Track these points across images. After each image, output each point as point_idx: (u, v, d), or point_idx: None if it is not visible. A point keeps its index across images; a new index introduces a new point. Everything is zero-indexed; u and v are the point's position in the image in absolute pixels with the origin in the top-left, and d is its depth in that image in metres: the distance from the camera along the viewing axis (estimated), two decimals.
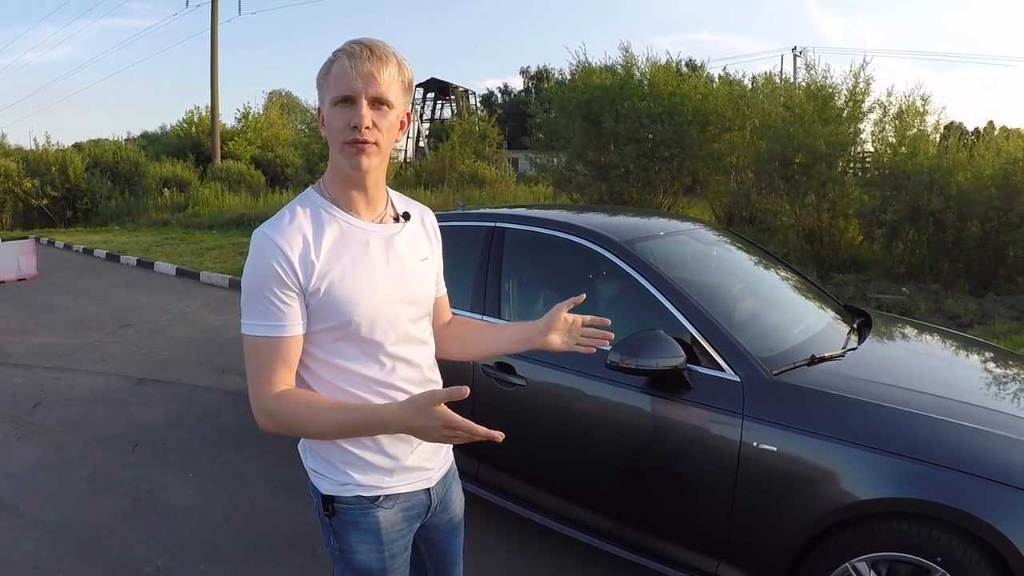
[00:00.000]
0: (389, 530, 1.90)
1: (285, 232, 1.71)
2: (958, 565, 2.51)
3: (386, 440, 1.84)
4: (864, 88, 12.15)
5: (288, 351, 1.73)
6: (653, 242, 3.85)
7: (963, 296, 9.68)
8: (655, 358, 3.00)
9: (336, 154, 1.74)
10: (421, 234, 1.99)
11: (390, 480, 1.89)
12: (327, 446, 1.86)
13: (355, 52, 1.66)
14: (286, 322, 1.71)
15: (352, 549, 1.89)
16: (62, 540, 4.05)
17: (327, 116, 1.72)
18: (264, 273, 1.69)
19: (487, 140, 30.91)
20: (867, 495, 2.66)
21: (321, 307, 1.73)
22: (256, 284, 1.70)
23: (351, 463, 1.85)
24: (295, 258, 1.69)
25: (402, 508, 1.93)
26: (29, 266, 13.52)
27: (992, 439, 2.71)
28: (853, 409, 2.85)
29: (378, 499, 1.88)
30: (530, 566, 3.78)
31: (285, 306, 1.70)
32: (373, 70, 1.66)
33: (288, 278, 1.69)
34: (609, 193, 14.66)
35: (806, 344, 3.40)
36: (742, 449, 2.92)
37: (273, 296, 1.69)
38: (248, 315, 1.73)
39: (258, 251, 1.71)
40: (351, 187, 1.79)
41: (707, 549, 3.13)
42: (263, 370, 1.73)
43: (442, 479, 2.06)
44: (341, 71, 1.67)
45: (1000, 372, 3.75)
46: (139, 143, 38.37)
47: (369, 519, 1.87)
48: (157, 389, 6.72)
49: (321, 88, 1.73)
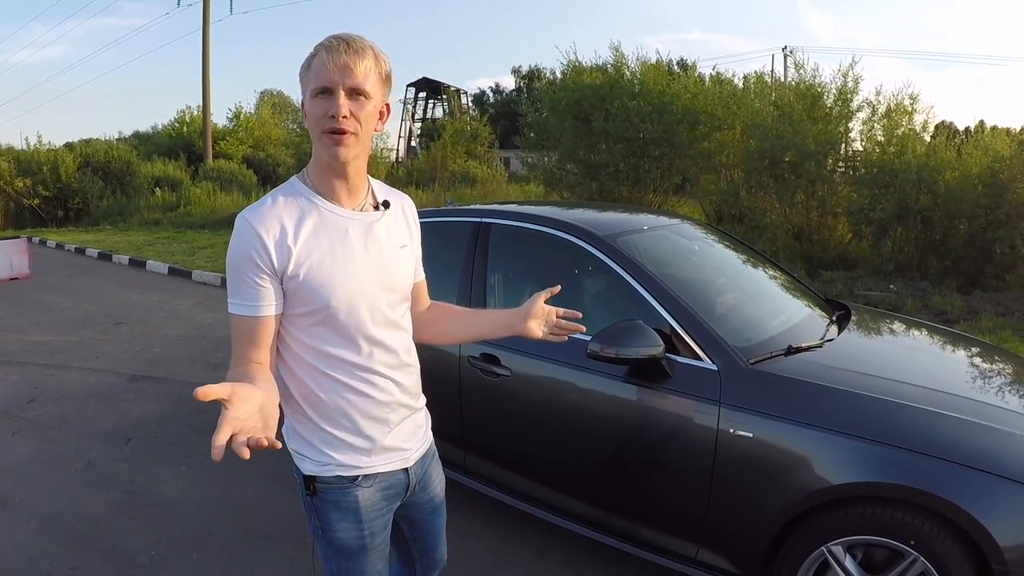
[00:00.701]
0: (368, 509, 1.99)
1: (264, 218, 1.79)
2: (931, 548, 2.58)
3: (363, 421, 1.94)
4: (853, 87, 12.24)
5: (259, 330, 1.81)
6: (635, 237, 3.92)
7: (950, 293, 9.76)
8: (635, 347, 3.08)
9: (316, 144, 1.81)
10: (400, 222, 2.06)
11: (368, 460, 1.97)
12: (309, 428, 1.94)
13: (333, 46, 1.73)
14: (258, 302, 1.79)
15: (333, 527, 1.98)
16: (57, 531, 4.11)
17: (307, 107, 1.78)
18: (242, 256, 1.77)
19: (479, 139, 30.91)
20: (841, 480, 2.73)
21: (300, 291, 1.81)
22: (235, 265, 1.79)
23: (330, 443, 1.93)
24: (271, 244, 1.77)
25: (380, 487, 2.01)
26: (22, 265, 13.52)
27: (965, 426, 2.78)
28: (827, 396, 2.93)
29: (357, 479, 1.96)
30: (516, 553, 3.85)
31: (258, 288, 1.78)
32: (349, 62, 1.72)
33: (263, 262, 1.77)
34: (599, 192, 14.71)
35: (784, 335, 3.48)
36: (719, 436, 3.00)
37: (247, 278, 1.78)
38: (231, 293, 1.82)
39: (238, 234, 1.79)
40: (332, 176, 1.86)
41: (687, 534, 3.20)
42: (244, 346, 1.81)
43: (420, 459, 2.14)
44: (320, 64, 1.73)
45: (976, 362, 3.83)
46: (131, 143, 38.23)
47: (348, 498, 1.96)
48: (150, 385, 6.77)
49: (303, 81, 1.79)
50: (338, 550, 2.01)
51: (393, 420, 2.01)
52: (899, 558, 2.67)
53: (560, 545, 3.88)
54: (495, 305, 3.99)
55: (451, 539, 2.23)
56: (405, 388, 2.03)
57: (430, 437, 2.23)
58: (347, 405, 1.92)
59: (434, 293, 4.21)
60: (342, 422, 1.92)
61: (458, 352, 3.91)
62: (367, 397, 1.94)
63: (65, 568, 3.74)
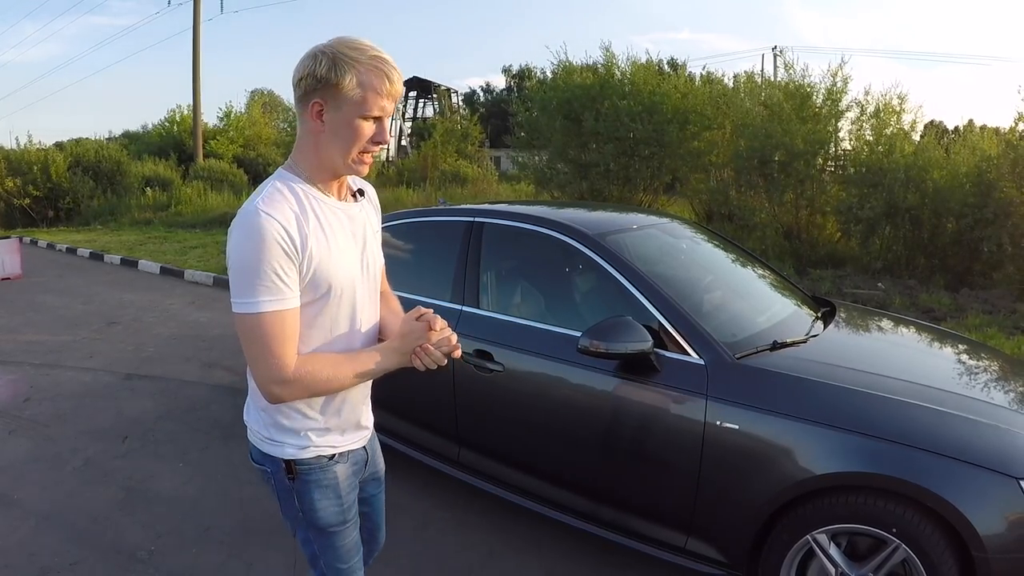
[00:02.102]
0: (344, 484, 2.10)
1: (282, 209, 1.80)
2: (913, 536, 2.67)
3: (347, 406, 2.07)
4: (842, 87, 12.31)
5: (295, 322, 1.84)
6: (624, 235, 4.00)
7: (938, 291, 9.83)
8: (624, 343, 3.16)
9: (341, 155, 1.85)
10: (371, 208, 2.14)
11: (341, 439, 2.08)
12: (295, 417, 1.99)
13: (393, 77, 1.80)
14: (291, 295, 1.81)
15: (315, 507, 2.05)
16: (57, 528, 4.15)
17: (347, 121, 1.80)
18: (268, 249, 1.75)
19: (469, 139, 30.97)
20: (824, 470, 2.82)
21: (309, 280, 1.84)
22: (259, 260, 1.75)
23: (312, 428, 2.01)
24: (294, 232, 1.79)
25: (351, 463, 2.13)
26: (13, 265, 13.51)
27: (945, 418, 2.87)
28: (811, 389, 3.02)
29: (334, 456, 2.06)
30: (510, 544, 3.92)
31: (289, 279, 1.79)
32: (400, 92, 1.83)
33: (290, 252, 1.78)
34: (590, 191, 14.78)
35: (770, 331, 3.56)
36: (706, 428, 3.08)
37: (280, 270, 1.77)
38: (251, 293, 1.77)
39: (258, 228, 1.76)
40: (332, 176, 1.93)
41: (676, 524, 3.28)
42: (281, 344, 1.81)
43: (372, 436, 2.28)
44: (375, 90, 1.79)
45: (958, 357, 3.93)
46: (121, 142, 38.05)
47: (329, 475, 2.05)
48: (145, 384, 6.81)
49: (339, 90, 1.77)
50: (320, 529, 2.09)
51: (362, 401, 2.14)
52: (882, 546, 2.76)
53: (552, 536, 3.95)
54: (488, 302, 4.07)
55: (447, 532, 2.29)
56: None
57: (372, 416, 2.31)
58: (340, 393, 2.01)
59: (428, 290, 4.30)
60: (322, 408, 2.01)
61: None
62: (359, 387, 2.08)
63: (65, 564, 3.79)
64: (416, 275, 4.50)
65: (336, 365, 1.89)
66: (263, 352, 1.81)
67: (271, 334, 1.79)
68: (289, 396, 1.87)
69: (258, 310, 1.77)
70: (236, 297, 1.80)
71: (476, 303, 4.07)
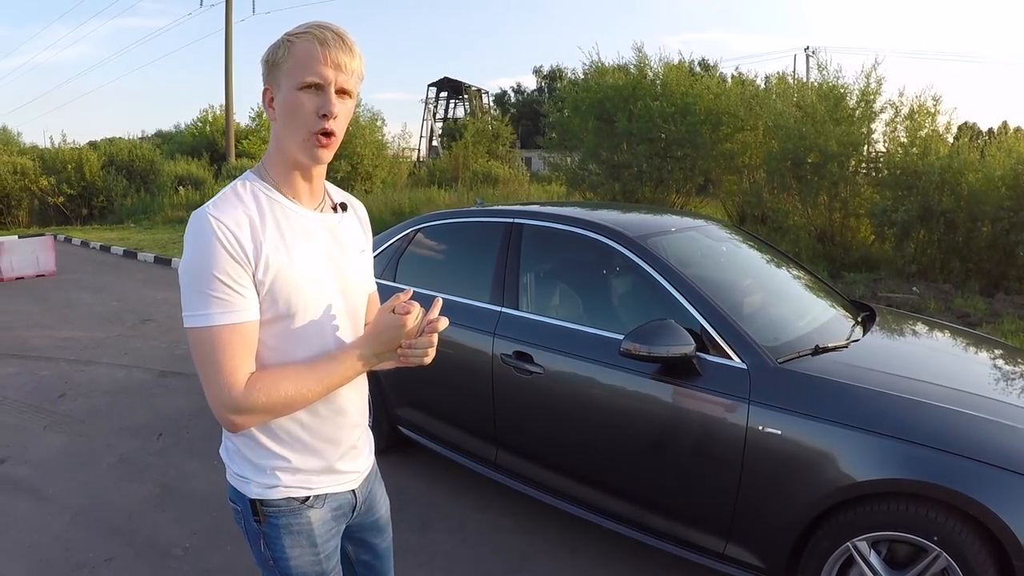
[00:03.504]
0: (321, 530, 1.84)
1: (232, 213, 1.61)
2: (954, 544, 2.62)
3: (316, 443, 1.79)
4: (876, 88, 12.19)
5: (249, 337, 1.62)
6: (665, 237, 3.97)
7: (973, 295, 9.71)
8: (666, 346, 3.14)
9: (292, 141, 1.66)
10: (356, 226, 1.94)
11: (318, 480, 1.82)
12: (256, 449, 1.76)
13: (327, 39, 1.60)
14: (245, 306, 1.60)
15: (286, 555, 1.80)
16: (92, 523, 4.20)
17: (286, 100, 1.63)
18: (213, 255, 1.56)
19: (500, 139, 31.02)
20: (866, 476, 2.78)
21: (268, 295, 1.64)
22: (205, 268, 1.57)
23: (279, 467, 1.77)
24: (244, 238, 1.60)
25: (331, 508, 1.86)
26: (48, 262, 13.70)
27: (988, 425, 2.82)
28: (853, 395, 2.98)
29: (307, 499, 1.80)
30: (545, 548, 3.90)
31: (242, 288, 1.59)
32: (344, 59, 1.61)
33: (239, 257, 1.58)
34: (622, 192, 14.77)
35: (811, 335, 3.52)
36: (748, 433, 3.05)
37: (226, 278, 1.57)
38: (197, 305, 1.58)
39: (202, 232, 1.58)
40: (299, 175, 1.73)
41: (715, 529, 3.25)
42: (224, 363, 1.59)
43: (365, 479, 1.99)
44: (308, 55, 1.60)
45: (999, 364, 3.87)
46: (154, 142, 38.45)
47: (301, 520, 1.80)
48: (179, 381, 6.87)
49: (277, 68, 1.64)
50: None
51: (345, 441, 1.86)
52: (922, 554, 2.72)
53: (589, 540, 3.94)
54: (527, 303, 4.06)
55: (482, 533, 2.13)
56: (357, 406, 1.90)
57: (373, 458, 2.06)
58: (295, 424, 1.75)
59: (467, 291, 4.30)
60: (294, 443, 1.77)
61: (491, 351, 3.99)
62: (320, 417, 1.78)
63: (100, 559, 3.83)
64: (455, 276, 4.51)
65: (298, 377, 1.65)
66: (213, 372, 1.59)
67: (220, 351, 1.58)
68: (246, 422, 1.64)
69: (207, 323, 1.57)
70: (185, 309, 1.60)
71: (516, 304, 4.06)
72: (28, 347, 8.24)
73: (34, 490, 4.61)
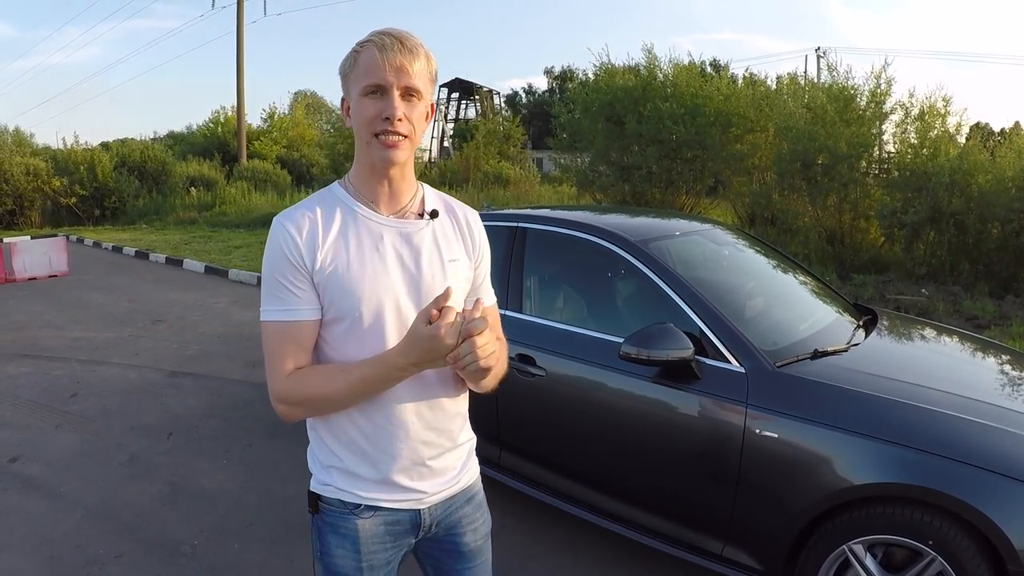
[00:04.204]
0: (368, 540, 1.82)
1: (295, 216, 1.71)
2: (949, 549, 2.65)
3: (370, 450, 1.77)
4: (885, 89, 12.22)
5: (299, 335, 1.70)
6: (667, 242, 4.01)
7: (982, 298, 9.71)
8: (666, 350, 3.18)
9: (364, 146, 1.71)
10: (453, 234, 1.88)
11: (369, 493, 1.80)
12: (320, 445, 1.82)
13: (385, 44, 1.64)
14: (298, 306, 1.69)
15: (330, 552, 1.84)
16: (102, 521, 4.26)
17: (355, 107, 1.69)
18: (275, 258, 1.69)
19: (511, 140, 31.05)
20: (862, 480, 2.81)
21: (325, 295, 1.70)
22: (269, 270, 1.71)
23: (334, 466, 1.80)
24: (302, 242, 1.68)
25: (385, 521, 1.83)
26: (60, 263, 13.81)
27: (983, 430, 2.85)
28: (850, 399, 3.01)
29: (359, 507, 1.80)
30: (547, 548, 3.95)
31: (297, 289, 1.68)
32: (404, 61, 1.64)
33: (295, 261, 1.67)
34: (632, 194, 14.79)
35: (810, 339, 3.55)
36: (746, 436, 3.09)
37: (284, 280, 1.68)
38: (264, 301, 1.73)
39: (271, 236, 1.71)
40: (376, 179, 1.75)
41: (713, 531, 3.29)
42: (275, 357, 1.71)
43: (444, 502, 1.90)
44: (371, 62, 1.64)
45: (999, 368, 3.89)
46: (166, 143, 38.67)
47: (348, 525, 1.81)
48: (190, 382, 6.94)
49: (348, 79, 1.71)
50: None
51: (405, 456, 1.79)
52: (918, 558, 2.75)
53: (590, 540, 3.98)
54: (531, 306, 4.11)
55: None
56: (430, 423, 1.81)
57: (465, 481, 1.95)
58: (354, 429, 1.76)
59: None
60: (347, 446, 1.78)
61: None
62: (378, 426, 1.76)
63: (110, 556, 3.89)
64: None
65: (327, 376, 1.70)
66: (267, 362, 1.72)
67: (271, 347, 1.71)
68: (290, 413, 1.73)
69: (264, 319, 1.72)
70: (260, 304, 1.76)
71: (519, 307, 4.10)
72: (40, 347, 8.32)
73: (46, 488, 4.68)
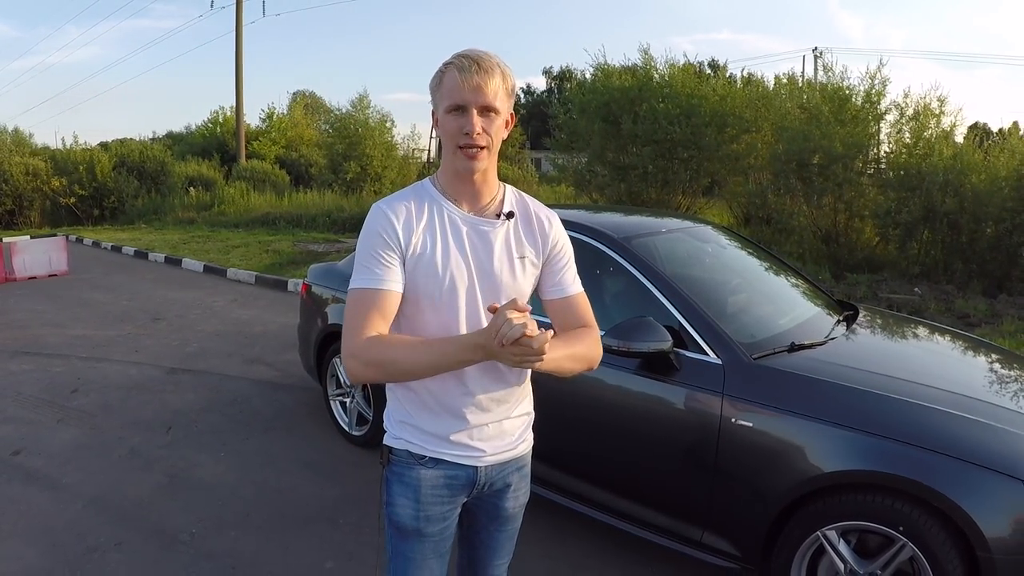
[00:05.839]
0: (428, 491, 2.04)
1: (394, 205, 1.96)
2: (919, 534, 2.76)
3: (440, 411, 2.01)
4: (880, 89, 12.31)
5: (384, 303, 1.90)
6: (652, 239, 4.12)
7: (975, 297, 9.79)
8: (645, 342, 3.29)
9: (449, 155, 1.95)
10: (527, 234, 2.09)
11: (434, 447, 2.03)
12: (395, 403, 2.09)
13: (464, 66, 1.86)
14: (386, 277, 1.90)
15: (394, 501, 2.07)
16: (103, 511, 4.36)
17: (441, 121, 1.92)
18: (372, 236, 1.93)
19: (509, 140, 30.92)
20: (833, 467, 2.93)
21: (412, 275, 1.93)
22: (364, 246, 1.94)
23: (406, 422, 2.05)
24: (399, 226, 1.93)
25: (445, 474, 2.05)
26: (60, 262, 13.87)
27: (952, 419, 2.96)
28: (823, 390, 3.13)
29: (424, 459, 2.04)
30: (535, 536, 4.01)
31: (387, 265, 1.91)
32: (481, 82, 1.86)
33: (391, 240, 1.92)
34: (628, 193, 14.84)
35: (788, 333, 3.67)
36: (722, 425, 3.20)
37: (379, 255, 1.91)
38: (356, 273, 1.94)
39: (371, 217, 1.96)
40: (459, 181, 1.99)
41: (693, 518, 3.41)
42: (358, 318, 1.89)
43: (499, 464, 2.12)
44: (452, 83, 1.87)
45: (972, 360, 4.03)
46: (165, 142, 38.41)
47: (412, 474, 2.04)
48: (189, 378, 7.02)
49: (435, 96, 1.94)
50: (396, 526, 2.08)
51: (471, 419, 2.02)
52: (890, 543, 2.86)
53: (575, 529, 4.08)
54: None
55: None
56: (493, 394, 2.03)
57: (521, 449, 2.20)
58: (426, 392, 2.00)
59: None
60: (420, 406, 2.02)
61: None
62: (446, 387, 1.99)
63: (111, 544, 3.99)
64: None
65: (410, 348, 1.88)
66: (347, 325, 1.91)
67: (355, 310, 1.90)
68: (361, 372, 1.88)
69: (353, 286, 1.93)
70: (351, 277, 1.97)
71: None
72: (41, 344, 8.41)
73: (48, 479, 4.78)
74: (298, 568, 3.80)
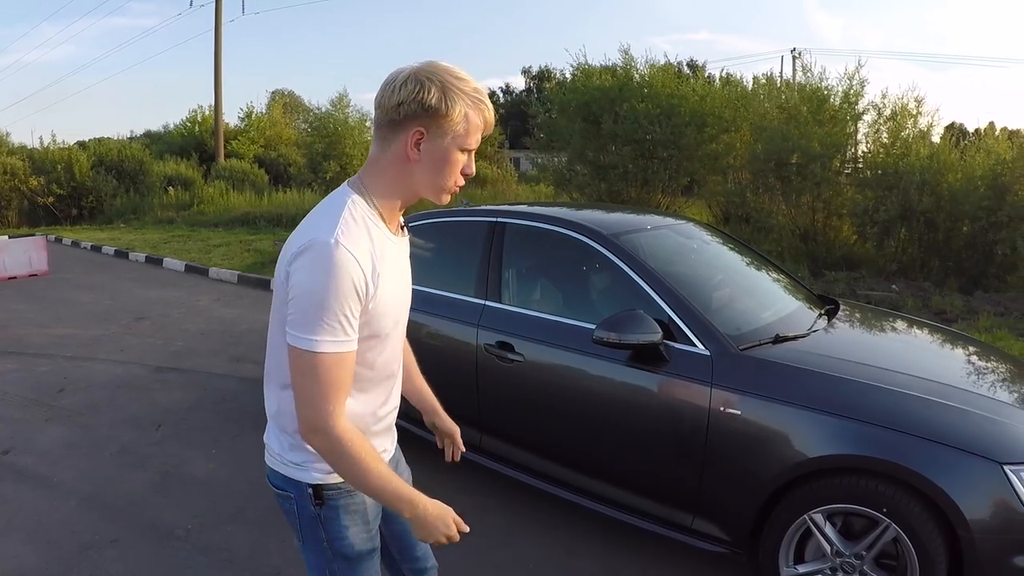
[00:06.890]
0: (371, 509, 2.00)
1: (359, 244, 1.71)
2: (902, 516, 2.86)
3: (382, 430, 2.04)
4: (858, 90, 12.44)
5: (352, 362, 1.76)
6: (638, 235, 4.21)
7: (952, 293, 9.94)
8: (636, 334, 3.39)
9: (430, 184, 1.80)
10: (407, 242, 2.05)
11: None
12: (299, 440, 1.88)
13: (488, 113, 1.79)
14: (353, 335, 1.72)
15: (343, 535, 1.94)
16: (97, 508, 4.39)
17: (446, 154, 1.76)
18: (346, 291, 1.66)
19: (488, 139, 31.14)
20: (818, 452, 3.03)
21: (370, 316, 1.77)
22: (331, 299, 1.65)
23: None
24: (368, 275, 1.71)
25: None
26: (40, 262, 13.81)
27: (934, 405, 3.06)
28: (807, 378, 3.23)
29: None
30: (528, 527, 4.13)
31: (356, 320, 1.71)
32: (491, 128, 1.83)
33: (362, 295, 1.70)
34: (608, 192, 14.92)
35: (773, 325, 3.77)
36: (711, 414, 3.30)
37: (350, 313, 1.69)
38: (313, 330, 1.67)
39: (336, 264, 1.65)
40: (401, 203, 1.86)
41: (683, 505, 3.50)
42: (331, 387, 1.71)
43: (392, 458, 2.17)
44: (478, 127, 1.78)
45: (947, 350, 4.17)
46: (143, 142, 38.15)
47: (357, 500, 1.94)
48: (176, 376, 7.05)
49: (444, 120, 1.72)
50: (347, 559, 1.97)
51: (391, 425, 2.10)
52: (874, 525, 2.95)
53: (568, 519, 4.16)
54: (509, 297, 4.29)
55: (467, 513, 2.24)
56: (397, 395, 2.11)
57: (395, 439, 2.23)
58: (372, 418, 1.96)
59: (453, 286, 4.53)
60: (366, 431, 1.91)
61: (475, 341, 4.22)
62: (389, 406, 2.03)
63: (106, 540, 4.02)
64: (442, 272, 4.72)
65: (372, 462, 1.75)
66: (315, 394, 1.70)
67: (326, 377, 1.69)
68: (320, 447, 1.74)
69: (318, 350, 1.67)
70: (296, 330, 1.69)
71: (499, 298, 4.29)
72: (25, 344, 8.40)
73: (39, 478, 4.80)
74: (296, 560, 3.78)
